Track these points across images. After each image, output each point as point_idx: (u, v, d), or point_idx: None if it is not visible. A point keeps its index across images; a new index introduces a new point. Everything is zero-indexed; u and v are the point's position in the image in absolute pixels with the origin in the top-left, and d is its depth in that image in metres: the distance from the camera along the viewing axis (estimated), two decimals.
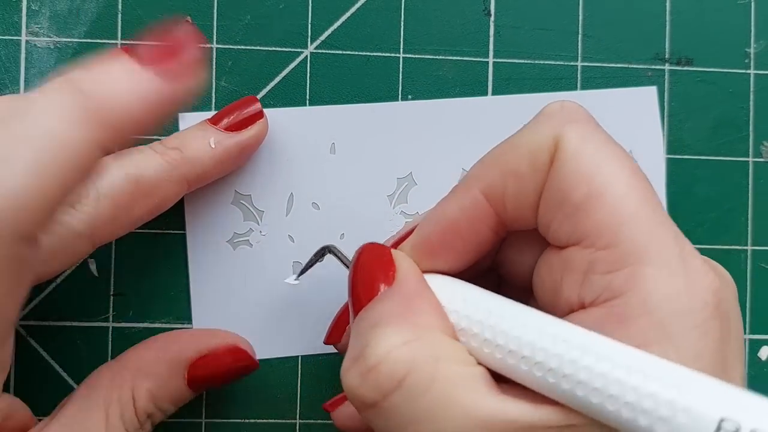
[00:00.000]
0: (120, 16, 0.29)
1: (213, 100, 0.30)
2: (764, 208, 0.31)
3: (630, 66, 0.31)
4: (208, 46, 0.29)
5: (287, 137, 0.30)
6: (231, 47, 0.30)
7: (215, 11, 0.30)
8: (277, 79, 0.30)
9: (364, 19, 0.30)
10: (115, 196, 0.24)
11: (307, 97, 0.30)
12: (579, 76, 0.31)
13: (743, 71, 0.32)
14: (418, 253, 0.22)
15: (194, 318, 0.29)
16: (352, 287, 0.22)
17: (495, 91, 0.30)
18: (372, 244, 0.23)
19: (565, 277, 0.20)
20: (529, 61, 0.31)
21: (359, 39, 0.30)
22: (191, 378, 0.26)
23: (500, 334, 0.19)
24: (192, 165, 0.26)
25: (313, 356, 0.30)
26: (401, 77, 0.30)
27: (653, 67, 0.31)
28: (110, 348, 0.29)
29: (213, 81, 0.30)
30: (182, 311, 0.29)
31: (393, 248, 0.23)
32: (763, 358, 0.32)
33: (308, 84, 0.30)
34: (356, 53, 0.30)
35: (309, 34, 0.30)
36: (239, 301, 0.29)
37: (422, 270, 0.22)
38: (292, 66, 0.30)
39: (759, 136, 0.32)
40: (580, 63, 0.31)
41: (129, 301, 0.29)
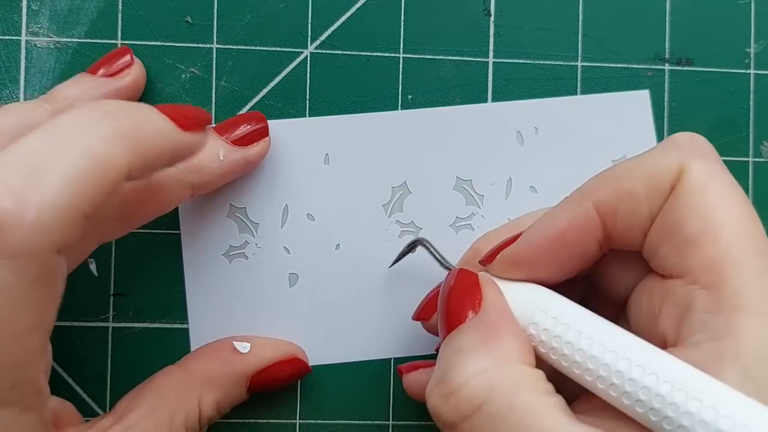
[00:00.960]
0: (120, 16, 0.29)
1: (213, 100, 0.30)
2: (764, 208, 0.31)
3: (630, 66, 0.31)
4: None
5: (281, 149, 0.30)
6: (231, 47, 0.30)
7: (215, 11, 0.30)
8: (277, 79, 0.30)
9: (364, 19, 0.30)
10: (126, 197, 0.24)
11: (307, 98, 0.30)
12: (579, 76, 0.31)
13: (743, 71, 0.32)
14: (522, 261, 0.23)
15: (191, 332, 0.29)
16: (442, 312, 0.23)
17: (495, 91, 0.30)
18: (463, 271, 0.23)
19: (665, 308, 0.20)
20: (529, 61, 0.31)
21: (359, 39, 0.30)
22: (252, 386, 0.27)
23: (591, 359, 0.20)
24: (200, 173, 0.26)
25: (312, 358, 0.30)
26: (401, 77, 0.30)
27: (653, 67, 0.31)
28: (110, 348, 0.29)
29: (213, 81, 0.30)
30: (182, 311, 0.29)
31: (494, 255, 0.23)
32: None
33: (308, 84, 0.30)
34: (356, 53, 0.30)
35: (309, 34, 0.30)
36: (236, 314, 0.29)
37: (523, 278, 0.23)
38: (292, 66, 0.30)
39: (759, 136, 0.32)
40: (580, 63, 0.31)
41: (129, 301, 0.29)
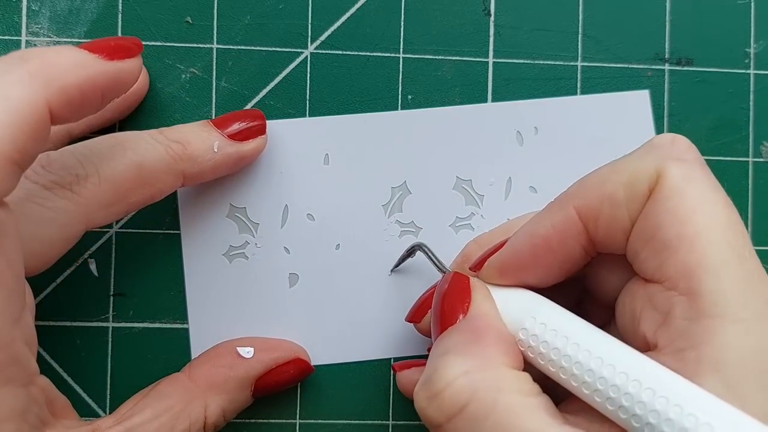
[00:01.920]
0: (120, 16, 0.29)
1: (213, 100, 0.30)
2: (764, 208, 0.31)
3: (630, 66, 0.31)
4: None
5: (281, 149, 0.30)
6: (231, 47, 0.30)
7: (215, 11, 0.30)
8: (277, 79, 0.30)
9: (364, 19, 0.30)
10: (116, 182, 0.24)
11: (307, 98, 0.30)
12: (579, 77, 0.31)
13: (743, 71, 0.32)
14: (508, 268, 0.23)
15: (191, 332, 0.29)
16: (434, 314, 0.23)
17: (495, 91, 0.30)
18: (456, 275, 0.24)
19: (645, 312, 0.20)
20: (529, 62, 0.31)
21: (359, 39, 0.30)
22: (257, 389, 0.27)
23: (576, 365, 0.20)
24: (192, 163, 0.26)
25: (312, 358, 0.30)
26: (401, 77, 0.30)
27: (653, 67, 0.31)
28: (110, 348, 0.29)
29: (213, 81, 0.30)
30: (182, 311, 0.29)
31: (483, 262, 0.24)
32: None
33: (308, 84, 0.30)
34: (356, 53, 0.30)
35: (309, 34, 0.30)
36: (236, 314, 0.29)
37: (512, 284, 0.23)
38: (292, 66, 0.30)
39: (759, 136, 0.32)
40: (580, 63, 0.31)
41: (129, 301, 0.29)
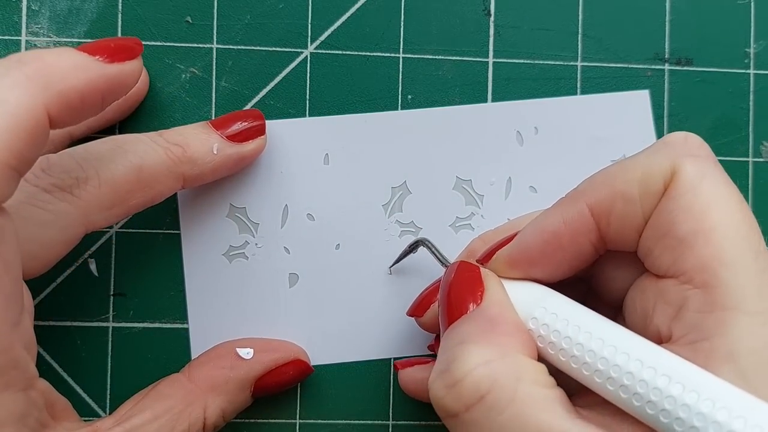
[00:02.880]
0: (120, 16, 0.29)
1: (213, 100, 0.30)
2: (764, 208, 0.31)
3: (630, 66, 0.31)
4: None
5: (280, 149, 0.30)
6: (231, 47, 0.30)
7: (215, 11, 0.30)
8: (277, 79, 0.30)
9: (364, 19, 0.30)
10: (116, 185, 0.24)
11: (307, 98, 0.30)
12: (579, 76, 0.31)
13: (743, 71, 0.32)
14: (517, 261, 0.23)
15: (191, 332, 0.29)
16: (443, 304, 0.23)
17: (495, 91, 0.30)
18: (464, 263, 0.23)
19: (658, 307, 0.20)
20: (529, 61, 0.31)
21: (359, 39, 0.30)
22: (257, 390, 0.27)
23: (588, 353, 0.20)
24: (192, 165, 0.26)
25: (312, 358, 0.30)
26: (401, 77, 0.30)
27: (653, 67, 0.31)
28: (110, 348, 0.29)
29: (213, 81, 0.30)
30: (182, 311, 0.29)
31: (491, 255, 0.24)
32: None
33: (308, 84, 0.30)
34: (356, 53, 0.30)
35: (309, 34, 0.30)
36: (236, 314, 0.29)
37: (519, 277, 0.23)
38: (292, 66, 0.30)
39: (759, 136, 0.32)
40: (580, 63, 0.31)
41: (129, 301, 0.29)
